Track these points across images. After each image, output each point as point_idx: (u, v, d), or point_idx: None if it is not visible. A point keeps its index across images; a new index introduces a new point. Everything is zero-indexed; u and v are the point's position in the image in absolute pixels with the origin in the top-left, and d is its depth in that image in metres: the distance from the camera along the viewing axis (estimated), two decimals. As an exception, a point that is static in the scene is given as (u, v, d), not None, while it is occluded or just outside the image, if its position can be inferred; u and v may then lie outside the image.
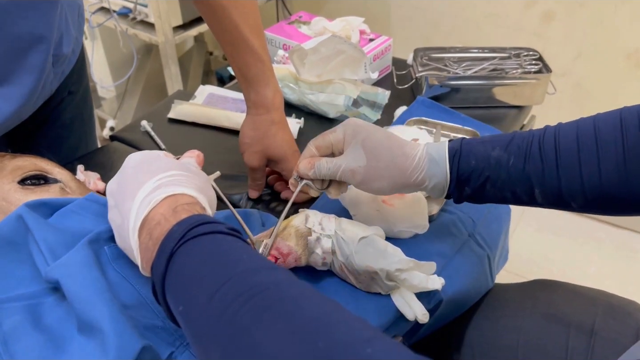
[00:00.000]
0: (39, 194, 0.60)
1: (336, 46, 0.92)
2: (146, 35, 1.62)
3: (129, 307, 0.51)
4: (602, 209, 0.55)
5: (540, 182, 0.55)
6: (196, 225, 0.43)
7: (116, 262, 0.53)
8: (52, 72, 0.81)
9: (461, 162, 0.57)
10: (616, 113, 0.54)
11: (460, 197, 0.59)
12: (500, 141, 0.57)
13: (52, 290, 0.51)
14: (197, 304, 0.39)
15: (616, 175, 0.52)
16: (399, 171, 0.58)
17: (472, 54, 1.04)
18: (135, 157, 0.52)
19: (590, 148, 0.53)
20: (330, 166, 0.59)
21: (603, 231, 1.82)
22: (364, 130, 0.59)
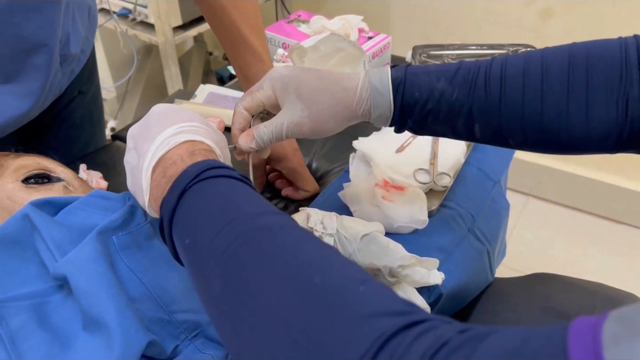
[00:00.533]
0: (43, 192, 0.60)
1: (335, 44, 0.92)
2: (146, 35, 1.63)
3: (135, 300, 0.51)
4: (537, 147, 0.56)
5: (481, 118, 0.55)
6: (211, 167, 0.44)
7: (124, 252, 0.54)
8: (61, 71, 0.82)
9: (405, 93, 0.56)
10: (565, 51, 0.53)
11: (402, 127, 0.59)
12: (445, 72, 0.56)
13: (59, 288, 0.51)
14: (202, 239, 0.40)
15: (556, 116, 0.52)
16: (343, 107, 0.56)
17: (470, 50, 1.05)
18: (161, 106, 0.52)
19: (535, 84, 0.52)
20: (272, 129, 0.56)
21: (603, 227, 1.82)
22: (293, 79, 0.56)
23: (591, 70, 0.51)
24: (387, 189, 0.73)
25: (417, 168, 0.78)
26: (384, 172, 0.76)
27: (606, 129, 0.51)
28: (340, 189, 0.76)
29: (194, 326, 0.52)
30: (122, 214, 0.54)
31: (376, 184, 0.73)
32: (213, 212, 0.41)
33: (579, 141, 0.53)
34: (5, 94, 0.72)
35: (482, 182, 0.81)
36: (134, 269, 0.53)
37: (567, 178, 1.82)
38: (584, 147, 0.54)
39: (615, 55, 0.51)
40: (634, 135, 0.51)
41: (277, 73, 0.57)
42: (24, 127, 0.81)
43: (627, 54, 0.51)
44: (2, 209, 0.58)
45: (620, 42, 0.52)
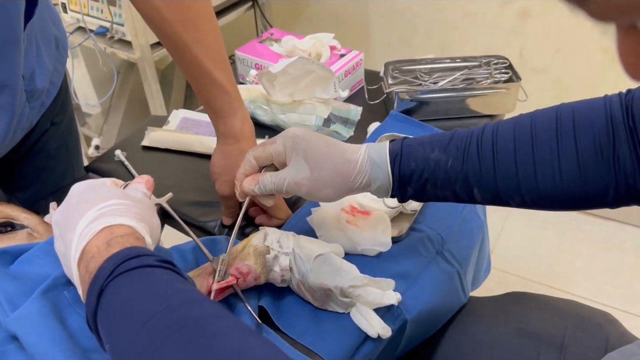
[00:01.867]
0: (6, 241, 0.61)
1: (304, 66, 0.92)
2: (124, 53, 1.63)
3: (91, 350, 0.51)
4: (539, 207, 0.57)
5: (478, 183, 0.57)
6: (125, 259, 0.43)
7: (77, 304, 0.54)
8: (28, 106, 0.81)
9: (402, 164, 0.59)
10: (552, 113, 0.55)
11: (404, 196, 0.61)
12: (439, 142, 0.59)
13: (13, 339, 0.51)
14: (122, 342, 0.40)
15: (551, 179, 0.54)
16: (342, 178, 0.59)
17: (443, 64, 1.05)
18: (80, 185, 0.52)
19: (526, 149, 0.54)
20: (274, 180, 0.60)
21: (590, 224, 1.83)
22: (303, 140, 0.60)
23: (578, 132, 0.53)
24: (353, 213, 0.73)
25: (387, 192, 0.78)
26: (352, 197, 0.76)
27: (601, 186, 0.53)
28: (309, 214, 0.76)
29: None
30: None
31: (342, 208, 0.74)
32: (128, 315, 0.41)
33: (577, 200, 0.54)
34: None
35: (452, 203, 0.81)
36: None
37: (553, 176, 1.83)
38: (583, 205, 0.55)
39: (601, 115, 0.53)
40: (629, 189, 0.52)
41: (292, 132, 0.61)
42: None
43: (612, 113, 0.52)
44: (-36, 260, 0.58)
45: (605, 100, 0.54)
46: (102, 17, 1.59)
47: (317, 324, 0.64)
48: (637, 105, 0.51)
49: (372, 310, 0.65)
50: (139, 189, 0.55)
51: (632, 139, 0.51)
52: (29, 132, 0.87)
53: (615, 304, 1.58)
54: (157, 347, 0.38)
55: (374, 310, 0.65)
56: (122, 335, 0.40)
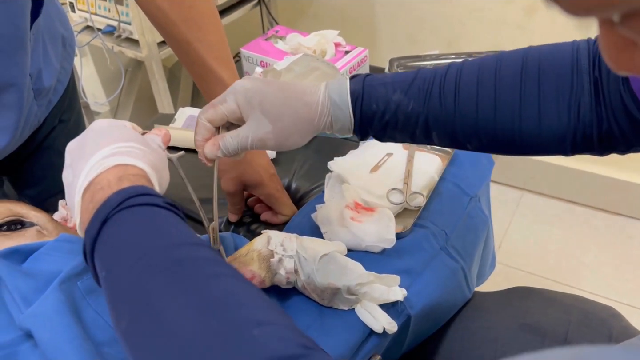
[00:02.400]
0: (15, 239, 0.62)
1: (309, 64, 0.93)
2: (132, 52, 1.64)
3: (103, 344, 0.52)
4: (495, 150, 0.58)
5: (437, 126, 0.57)
6: (134, 195, 0.43)
7: (90, 296, 0.55)
8: (36, 104, 0.82)
9: (363, 105, 0.58)
10: (518, 59, 0.55)
11: (365, 136, 0.61)
12: (401, 82, 0.57)
13: (27, 337, 0.52)
14: (117, 272, 0.40)
15: (510, 123, 0.54)
16: (305, 122, 0.58)
17: (448, 60, 1.05)
18: (101, 122, 0.52)
19: (489, 95, 0.54)
20: (237, 140, 0.57)
21: (598, 219, 1.82)
22: (255, 93, 0.57)
23: (543, 78, 0.52)
24: (357, 210, 0.74)
25: (391, 189, 0.78)
26: (356, 194, 0.77)
27: (559, 133, 0.53)
28: (314, 211, 0.77)
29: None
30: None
31: (346, 205, 0.74)
32: (129, 245, 0.41)
33: (534, 145, 0.55)
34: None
35: (457, 198, 0.82)
36: (101, 312, 0.54)
37: (560, 171, 1.82)
38: (539, 151, 0.56)
39: (567, 62, 0.52)
40: (586, 139, 0.52)
41: (240, 86, 0.58)
42: (7, 158, 0.82)
43: (578, 61, 0.52)
44: (-25, 258, 0.59)
45: (572, 47, 0.53)
46: (109, 16, 1.60)
47: (321, 320, 0.65)
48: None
49: (378, 306, 0.65)
50: (155, 140, 0.55)
51: (596, 88, 0.51)
52: (37, 130, 0.88)
53: (623, 299, 1.57)
54: (146, 280, 0.38)
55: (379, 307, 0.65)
56: (119, 264, 0.40)
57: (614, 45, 0.24)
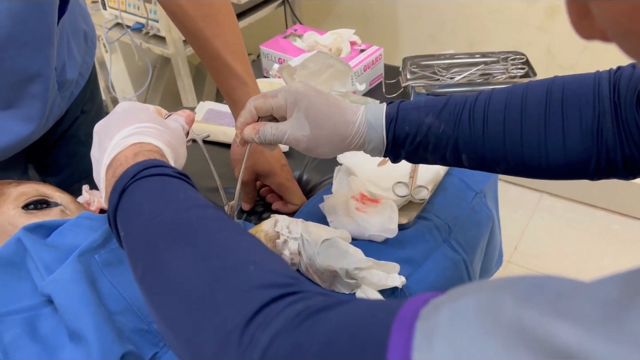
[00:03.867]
0: (41, 217, 0.67)
1: (324, 61, 0.96)
2: (159, 48, 1.70)
3: (116, 313, 0.56)
4: (522, 174, 0.61)
5: (467, 149, 0.60)
6: (148, 167, 0.49)
7: (106, 268, 0.59)
8: (59, 96, 0.88)
9: (397, 128, 0.61)
10: (545, 85, 0.58)
11: (397, 158, 0.64)
12: (434, 107, 0.61)
13: (48, 303, 0.57)
14: (133, 232, 0.46)
15: (536, 147, 0.57)
16: (340, 138, 0.62)
17: (461, 59, 1.07)
18: (125, 105, 0.58)
19: (515, 118, 0.57)
20: (275, 132, 0.62)
21: (618, 222, 1.81)
22: (305, 98, 0.61)
23: (566, 105, 0.56)
24: (362, 201, 0.77)
25: (397, 181, 0.81)
26: (362, 185, 0.80)
27: (583, 157, 0.55)
28: (322, 201, 0.80)
29: None
30: (103, 233, 0.60)
31: (352, 196, 0.77)
32: (144, 209, 0.46)
33: (560, 169, 0.57)
34: (8, 119, 0.78)
35: (462, 192, 0.84)
36: (115, 284, 0.59)
37: (580, 174, 1.81)
38: (565, 174, 0.58)
39: (589, 90, 0.55)
40: (610, 162, 0.55)
41: (294, 87, 0.62)
42: (32, 146, 0.88)
43: (600, 88, 0.55)
44: (4, 233, 0.64)
45: (595, 76, 0.56)
46: (138, 14, 1.67)
47: None
48: (624, 82, 0.54)
49: (377, 291, 0.68)
50: (178, 120, 0.61)
51: (616, 114, 0.53)
52: (60, 120, 0.94)
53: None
54: (158, 238, 0.44)
55: (379, 292, 0.68)
56: (134, 226, 0.46)
57: (575, 12, 0.27)
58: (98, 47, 1.93)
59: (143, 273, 0.44)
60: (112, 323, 0.54)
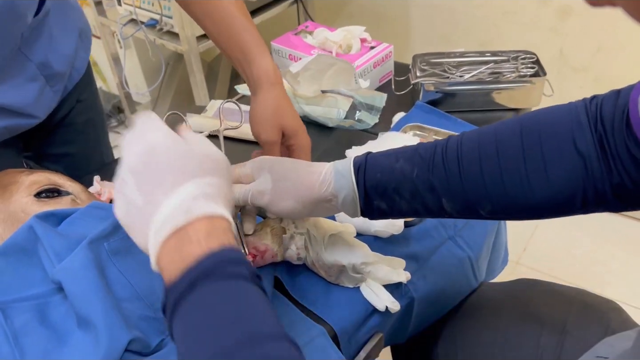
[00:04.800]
0: (52, 205, 0.68)
1: (326, 61, 0.97)
2: (172, 45, 1.71)
3: (124, 300, 0.57)
4: (509, 215, 0.57)
5: (446, 192, 0.56)
6: (224, 262, 0.44)
7: (115, 257, 0.60)
8: (51, 90, 0.92)
9: (367, 174, 0.58)
10: (516, 121, 0.56)
11: (372, 211, 0.61)
12: (404, 152, 0.59)
13: (58, 290, 0.58)
14: (194, 352, 0.41)
15: (518, 181, 0.54)
16: (305, 188, 0.60)
17: (471, 57, 1.07)
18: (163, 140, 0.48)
19: (491, 155, 0.54)
20: (241, 191, 0.62)
21: (626, 226, 1.80)
22: (269, 160, 0.62)
23: (544, 134, 0.53)
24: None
25: (403, 178, 0.81)
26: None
27: (569, 189, 0.52)
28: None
29: None
30: (113, 222, 0.61)
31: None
32: (212, 326, 0.41)
33: (547, 204, 0.54)
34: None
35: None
36: (123, 271, 0.59)
37: (590, 177, 1.81)
38: (553, 211, 0.55)
39: (565, 121, 0.53)
40: (599, 194, 0.52)
41: (260, 157, 0.64)
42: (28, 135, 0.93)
43: (577, 118, 0.52)
44: (16, 220, 0.66)
45: (569, 107, 0.54)
46: (152, 10, 1.68)
47: (327, 295, 0.69)
48: (608, 108, 0.51)
49: (382, 286, 0.69)
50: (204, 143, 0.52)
51: (601, 142, 0.51)
52: (57, 108, 0.97)
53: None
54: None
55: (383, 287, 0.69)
56: (197, 346, 0.41)
57: None
58: (112, 43, 1.96)
59: None
60: (120, 310, 0.54)
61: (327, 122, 0.99)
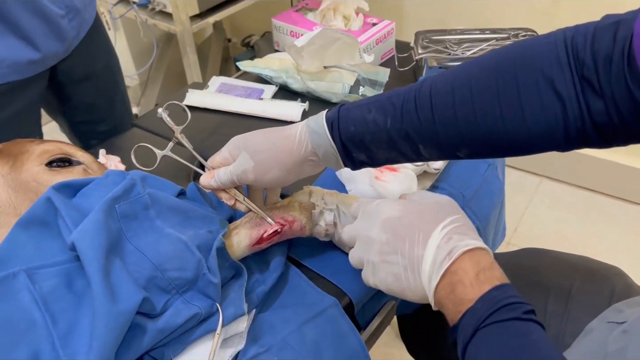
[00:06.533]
0: (64, 175, 0.67)
1: (331, 35, 0.97)
2: (165, 25, 1.69)
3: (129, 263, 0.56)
4: (488, 154, 0.57)
5: (421, 139, 0.56)
6: (500, 306, 0.46)
7: (123, 220, 0.59)
8: (69, 25, 0.96)
9: (341, 128, 0.58)
10: (493, 55, 0.54)
11: (354, 163, 0.61)
12: (376, 102, 0.58)
13: (77, 258, 0.58)
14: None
15: (492, 122, 0.53)
16: (285, 154, 0.60)
17: (472, 35, 1.08)
18: (396, 207, 0.56)
19: (464, 97, 0.53)
20: (226, 171, 0.63)
21: (616, 207, 1.84)
22: (242, 138, 0.63)
23: (520, 76, 0.51)
24: (380, 170, 0.78)
25: (412, 150, 0.82)
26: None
27: (547, 127, 0.51)
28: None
29: (184, 282, 0.58)
30: (123, 185, 0.60)
31: (371, 165, 0.78)
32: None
33: (523, 144, 0.54)
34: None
35: (475, 164, 0.85)
36: (129, 237, 0.59)
37: (580, 159, 1.84)
38: (532, 147, 0.54)
39: (545, 55, 0.50)
40: (579, 131, 0.51)
41: (234, 138, 0.64)
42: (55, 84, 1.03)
43: (556, 55, 0.50)
44: (29, 189, 0.65)
45: (549, 39, 0.52)
46: (144, -11, 1.66)
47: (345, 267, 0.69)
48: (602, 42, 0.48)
49: None
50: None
51: (587, 80, 0.49)
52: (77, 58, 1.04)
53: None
54: None
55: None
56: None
57: None
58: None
59: None
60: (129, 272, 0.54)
61: (331, 98, 0.99)
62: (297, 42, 0.93)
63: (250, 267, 0.66)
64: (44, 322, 0.51)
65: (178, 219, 0.62)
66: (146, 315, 0.55)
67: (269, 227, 0.65)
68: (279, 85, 1.04)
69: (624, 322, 0.55)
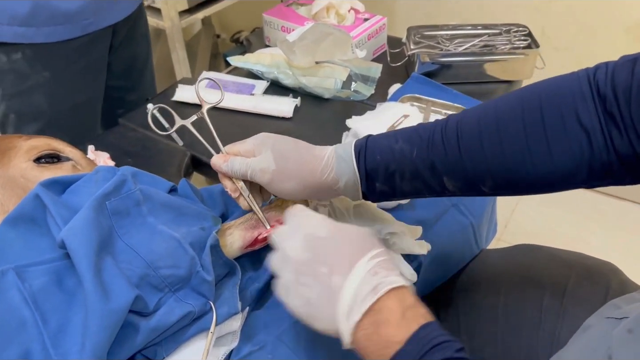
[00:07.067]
0: (53, 171, 0.66)
1: (322, 30, 0.96)
2: (153, 20, 1.67)
3: (121, 260, 0.55)
4: (511, 190, 0.56)
5: (447, 170, 0.56)
6: (430, 347, 0.44)
7: (114, 217, 0.58)
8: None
9: (367, 157, 0.58)
10: (517, 94, 0.55)
11: (374, 193, 0.60)
12: (403, 134, 0.58)
13: (67, 256, 0.56)
14: None
15: (520, 155, 0.53)
16: (308, 172, 0.59)
17: (464, 31, 1.08)
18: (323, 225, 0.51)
19: (491, 130, 0.54)
20: (242, 162, 0.61)
21: (606, 203, 1.85)
22: (272, 138, 0.61)
23: (545, 109, 0.52)
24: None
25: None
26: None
27: (572, 163, 0.51)
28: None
29: (177, 280, 0.57)
30: (114, 181, 0.59)
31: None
32: None
33: (549, 178, 0.53)
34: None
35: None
36: (122, 234, 0.58)
37: (570, 155, 1.84)
38: (556, 184, 0.54)
39: (567, 91, 0.52)
40: (604, 166, 0.51)
41: (262, 134, 0.62)
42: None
43: (579, 88, 0.51)
44: (16, 186, 0.64)
45: (572, 76, 0.53)
46: (133, -16, 1.63)
47: None
48: (621, 76, 0.50)
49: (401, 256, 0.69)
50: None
51: (609, 113, 0.50)
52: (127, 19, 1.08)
53: (626, 280, 1.60)
54: None
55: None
56: None
57: None
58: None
59: None
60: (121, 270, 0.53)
61: (323, 93, 0.98)
62: (289, 37, 0.92)
63: (244, 265, 0.65)
64: (34, 321, 0.50)
65: (170, 216, 0.61)
66: (139, 314, 0.54)
67: (264, 230, 0.63)
68: (270, 81, 1.03)
69: (624, 318, 0.55)
